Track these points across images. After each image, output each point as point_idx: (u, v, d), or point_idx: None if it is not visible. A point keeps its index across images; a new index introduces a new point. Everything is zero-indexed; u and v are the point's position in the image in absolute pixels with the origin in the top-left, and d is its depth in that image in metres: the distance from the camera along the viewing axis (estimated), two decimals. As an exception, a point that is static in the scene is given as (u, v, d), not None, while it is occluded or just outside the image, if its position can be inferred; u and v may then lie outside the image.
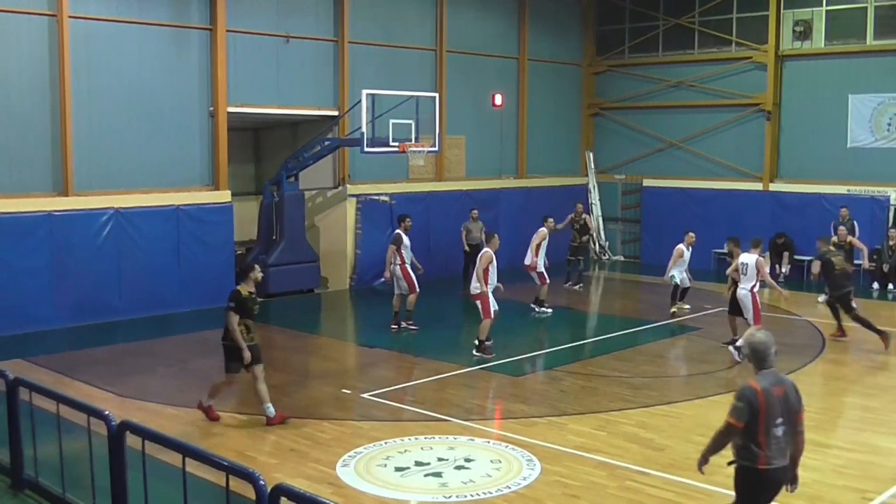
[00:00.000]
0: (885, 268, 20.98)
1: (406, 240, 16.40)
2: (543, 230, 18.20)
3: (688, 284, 18.20)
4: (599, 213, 26.79)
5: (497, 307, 14.45)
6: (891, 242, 20.99)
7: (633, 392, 12.47)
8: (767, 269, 15.02)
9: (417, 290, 16.26)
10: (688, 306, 18.29)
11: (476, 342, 14.39)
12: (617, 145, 26.73)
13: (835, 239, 17.88)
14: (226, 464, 5.71)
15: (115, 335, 16.11)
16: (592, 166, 26.89)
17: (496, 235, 14.80)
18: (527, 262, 18.07)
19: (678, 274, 17.96)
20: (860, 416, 11.60)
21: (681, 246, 18.07)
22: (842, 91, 22.68)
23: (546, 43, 25.54)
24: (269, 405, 10.78)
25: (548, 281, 18.07)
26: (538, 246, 18.03)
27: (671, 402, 11.92)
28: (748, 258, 14.34)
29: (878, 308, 19.28)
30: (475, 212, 21.13)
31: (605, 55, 26.77)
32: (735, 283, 14.66)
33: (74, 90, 16.62)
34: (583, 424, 10.96)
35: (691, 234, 18.42)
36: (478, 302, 14.44)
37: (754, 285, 14.27)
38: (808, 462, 9.60)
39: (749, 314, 14.30)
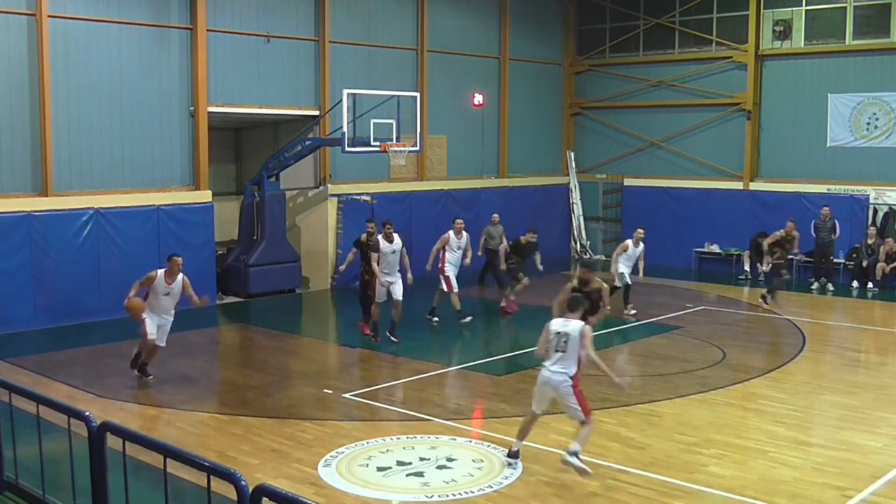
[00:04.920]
0: (864, 263, 21.14)
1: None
2: (447, 235, 17.15)
3: (629, 281, 17.73)
4: (581, 213, 26.86)
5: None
6: (869, 241, 21.15)
7: (614, 391, 12.47)
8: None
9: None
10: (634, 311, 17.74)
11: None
12: (598, 145, 26.80)
13: None
14: (207, 464, 5.67)
15: (95, 336, 16.01)
16: (573, 166, 26.94)
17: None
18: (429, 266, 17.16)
19: (627, 271, 17.59)
20: (840, 415, 11.66)
21: (628, 241, 17.89)
22: (821, 91, 22.85)
23: (527, 42, 25.59)
24: None
25: (454, 289, 16.92)
26: (440, 250, 17.05)
27: (652, 400, 11.96)
28: None
29: (858, 306, 19.46)
30: (496, 216, 20.64)
31: (585, 55, 26.83)
32: None
33: (54, 90, 16.52)
34: (564, 423, 10.93)
35: (640, 230, 18.09)
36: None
37: None
38: (789, 460, 9.72)
39: None
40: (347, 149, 18.35)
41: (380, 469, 9.34)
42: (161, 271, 12.67)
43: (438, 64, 23.09)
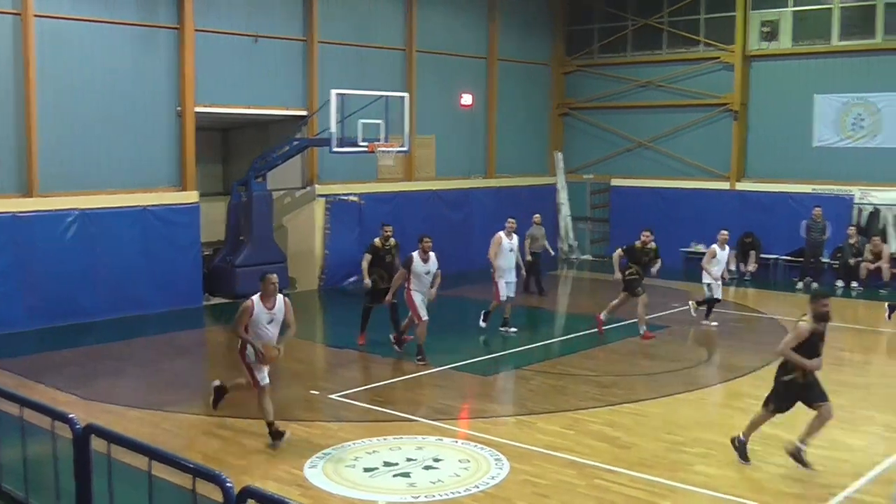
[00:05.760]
0: (851, 262, 21.24)
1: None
2: (499, 236, 16.04)
3: (717, 296, 16.94)
4: (568, 213, 26.89)
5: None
6: (851, 241, 21.25)
7: (601, 391, 12.52)
8: None
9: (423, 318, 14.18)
10: (715, 323, 16.99)
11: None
12: (586, 145, 26.84)
13: None
14: (192, 466, 5.66)
15: (82, 337, 15.93)
16: (561, 166, 26.98)
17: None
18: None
19: (713, 282, 16.81)
20: (825, 413, 11.70)
21: (714, 246, 16.95)
22: (808, 91, 22.97)
23: (516, 43, 25.60)
24: None
25: (502, 297, 15.92)
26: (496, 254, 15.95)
27: (638, 400, 11.98)
28: None
29: (843, 306, 19.51)
30: (538, 216, 20.30)
31: (574, 55, 26.87)
32: None
33: (39, 90, 16.44)
34: (551, 423, 11.00)
35: (725, 231, 17.13)
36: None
37: None
38: (775, 458, 9.75)
39: None
40: (335, 149, 18.34)
41: (366, 470, 9.34)
42: (256, 297, 10.04)
43: (427, 64, 23.09)
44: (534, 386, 12.91)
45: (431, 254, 14.05)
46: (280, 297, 10.17)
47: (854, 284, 21.08)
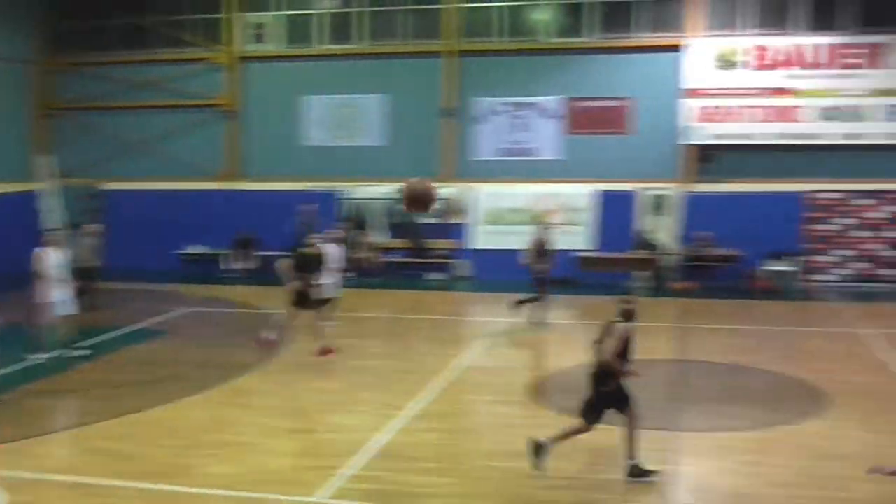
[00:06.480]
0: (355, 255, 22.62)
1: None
2: (41, 252, 14.11)
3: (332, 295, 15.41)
4: (58, 221, 25.28)
5: None
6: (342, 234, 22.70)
7: (101, 404, 11.93)
8: None
9: None
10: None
11: None
12: (80, 148, 25.48)
13: None
14: None
15: None
16: (49, 170, 25.27)
17: None
18: None
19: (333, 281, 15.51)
20: (326, 399, 12.30)
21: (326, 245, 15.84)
22: (298, 92, 24.18)
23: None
24: None
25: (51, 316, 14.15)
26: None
27: (140, 409, 11.58)
28: None
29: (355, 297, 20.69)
30: (94, 226, 18.30)
31: (62, 53, 25.42)
32: None
33: None
34: (46, 446, 10.26)
35: (336, 231, 17.02)
36: None
37: None
38: (282, 449, 10.07)
39: None
40: None
41: None
42: None
43: None
44: (23, 409, 11.86)
45: None
46: None
47: (351, 275, 22.45)
